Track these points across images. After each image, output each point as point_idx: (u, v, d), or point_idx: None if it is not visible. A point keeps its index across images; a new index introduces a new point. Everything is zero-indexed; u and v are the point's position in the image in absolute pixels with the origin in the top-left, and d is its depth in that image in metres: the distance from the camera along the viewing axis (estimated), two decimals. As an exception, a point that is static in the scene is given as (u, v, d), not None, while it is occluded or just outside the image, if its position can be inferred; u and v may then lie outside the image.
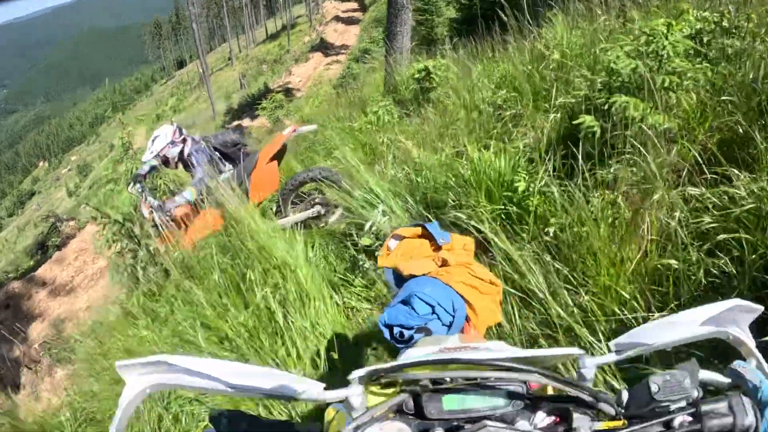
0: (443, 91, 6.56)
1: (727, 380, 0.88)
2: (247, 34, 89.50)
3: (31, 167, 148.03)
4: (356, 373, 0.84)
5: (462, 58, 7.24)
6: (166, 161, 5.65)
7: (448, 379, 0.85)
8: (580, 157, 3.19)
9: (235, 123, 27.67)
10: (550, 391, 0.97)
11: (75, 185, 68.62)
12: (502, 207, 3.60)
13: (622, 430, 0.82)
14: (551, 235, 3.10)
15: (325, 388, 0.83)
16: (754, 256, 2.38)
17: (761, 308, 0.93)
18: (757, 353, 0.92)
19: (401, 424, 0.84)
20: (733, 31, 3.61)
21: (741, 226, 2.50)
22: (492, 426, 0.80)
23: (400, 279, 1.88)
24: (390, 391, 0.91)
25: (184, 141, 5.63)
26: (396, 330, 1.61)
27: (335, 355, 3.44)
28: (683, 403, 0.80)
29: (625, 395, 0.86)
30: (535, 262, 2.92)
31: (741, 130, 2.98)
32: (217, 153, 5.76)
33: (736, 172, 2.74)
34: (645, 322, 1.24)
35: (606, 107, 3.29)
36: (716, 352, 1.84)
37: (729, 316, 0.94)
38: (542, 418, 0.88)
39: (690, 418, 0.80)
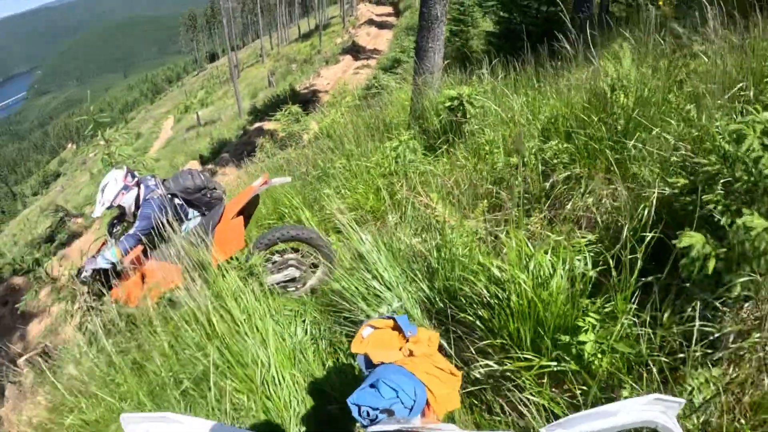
0: (478, 125, 5.60)
1: None
2: (279, 31, 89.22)
3: (59, 149, 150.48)
4: None
5: (501, 85, 6.30)
6: (122, 213, 4.90)
7: None
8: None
9: (257, 125, 26.89)
10: None
11: (98, 171, 69.07)
12: (555, 362, 2.62)
13: None
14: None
15: None
16: None
17: (683, 401, 1.37)
18: None
19: None
20: None
21: None
22: None
23: (371, 365, 2.05)
24: None
25: (138, 185, 4.86)
26: (363, 409, 1.75)
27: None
28: None
29: None
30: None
31: None
32: (177, 200, 4.94)
33: None
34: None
35: (723, 217, 2.28)
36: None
37: (656, 407, 1.30)
38: None
39: None
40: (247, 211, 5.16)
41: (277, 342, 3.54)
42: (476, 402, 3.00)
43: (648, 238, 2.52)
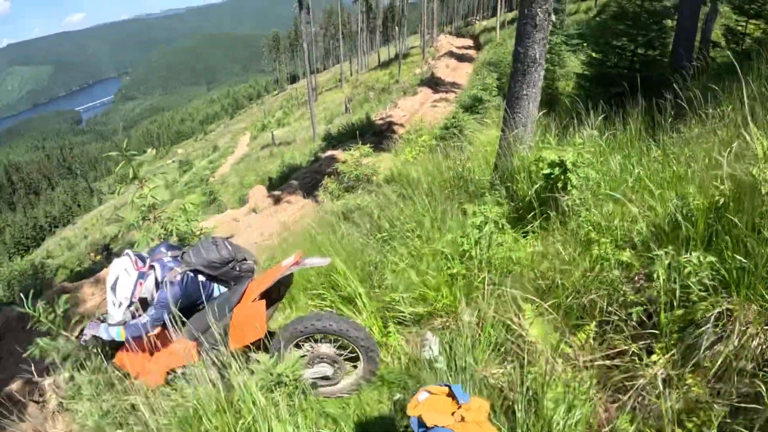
0: (581, 199, 4.56)
1: None
2: (359, 58, 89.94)
3: (140, 152, 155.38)
4: None
5: (605, 145, 5.38)
6: (143, 302, 4.08)
7: None
8: None
9: (329, 153, 26.44)
10: None
11: (173, 179, 71.17)
12: None
13: None
14: None
15: None
16: None
17: None
18: None
19: None
20: None
21: None
22: None
23: (423, 426, 2.13)
24: None
25: (152, 267, 4.09)
26: None
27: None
28: None
29: None
30: None
31: None
32: (201, 276, 4.21)
33: None
34: None
35: None
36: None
37: None
38: None
39: None
40: (274, 294, 4.39)
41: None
42: None
43: None
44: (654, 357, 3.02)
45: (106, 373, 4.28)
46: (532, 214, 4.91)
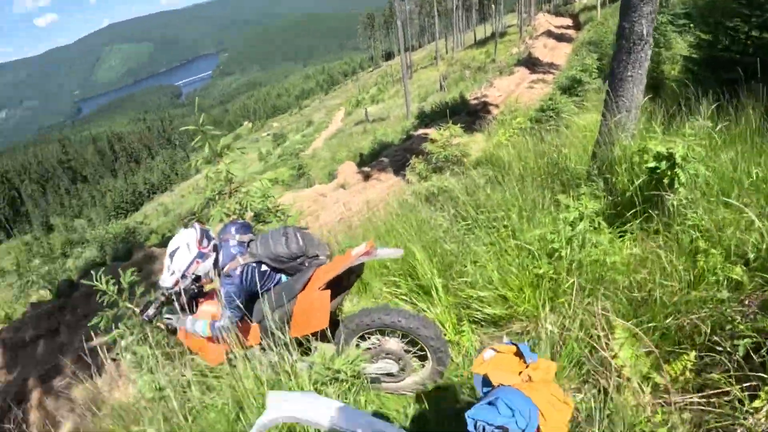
0: (689, 199, 4.01)
1: None
2: (455, 36, 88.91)
3: (236, 125, 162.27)
4: None
5: (718, 137, 4.77)
6: (197, 279, 4.02)
7: None
8: None
9: (421, 131, 26.13)
10: None
11: (267, 151, 72.88)
12: None
13: None
14: None
15: None
16: None
17: None
18: None
19: None
20: None
21: None
22: None
23: (488, 385, 2.09)
24: None
25: (216, 249, 4.01)
26: (479, 424, 1.82)
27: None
28: None
29: None
30: None
31: None
32: (264, 266, 3.99)
33: None
34: None
35: None
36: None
37: None
38: None
39: None
40: (342, 282, 4.09)
41: None
42: None
43: None
44: (757, 403, 2.51)
45: (169, 347, 4.32)
46: (633, 212, 4.38)
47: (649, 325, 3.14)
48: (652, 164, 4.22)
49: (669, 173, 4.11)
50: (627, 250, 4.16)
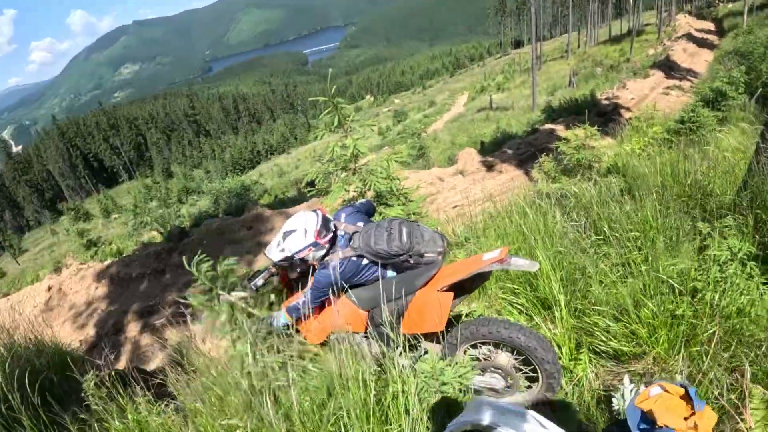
0: None
1: None
2: (588, 30, 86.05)
3: (358, 97, 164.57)
4: None
5: None
6: (303, 262, 3.95)
7: None
8: None
9: (548, 126, 25.72)
10: None
11: (387, 127, 73.46)
12: None
13: None
14: None
15: None
16: None
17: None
18: None
19: None
20: None
21: None
22: None
23: (647, 423, 2.00)
24: None
25: (331, 242, 3.94)
26: None
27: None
28: None
29: None
30: None
31: None
32: (364, 260, 3.90)
33: None
34: None
35: None
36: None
37: None
38: None
39: None
40: (465, 285, 3.87)
41: None
42: None
43: None
44: None
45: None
46: None
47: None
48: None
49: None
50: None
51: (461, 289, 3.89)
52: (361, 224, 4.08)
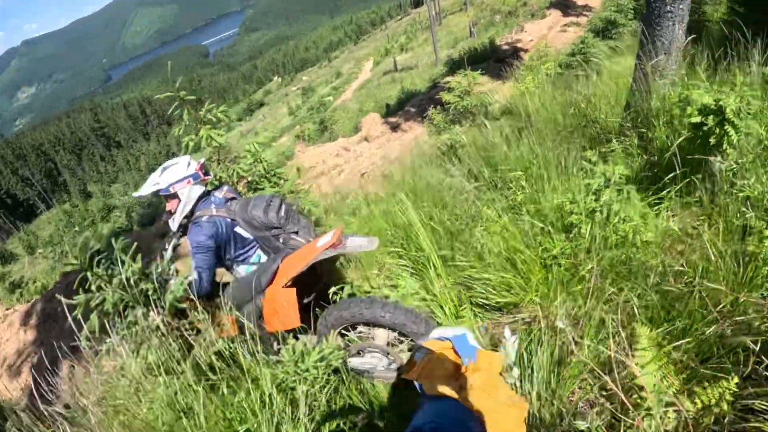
0: (740, 164, 3.23)
1: None
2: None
3: (266, 80, 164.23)
4: None
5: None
6: (169, 200, 3.88)
7: None
8: None
9: (448, 78, 25.35)
10: None
11: (296, 105, 72.99)
12: None
13: None
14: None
15: None
16: None
17: None
18: None
19: None
20: None
21: None
22: None
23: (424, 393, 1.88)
24: None
25: (207, 189, 3.99)
26: None
27: None
28: None
29: None
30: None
31: None
32: (239, 228, 3.87)
33: None
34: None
35: None
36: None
37: None
38: None
39: None
40: (313, 280, 3.87)
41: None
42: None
43: None
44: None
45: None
46: (671, 176, 3.58)
47: (683, 329, 2.48)
48: (696, 119, 3.44)
49: (717, 131, 3.34)
50: (663, 223, 3.43)
51: (309, 282, 3.82)
52: (238, 197, 4.11)
